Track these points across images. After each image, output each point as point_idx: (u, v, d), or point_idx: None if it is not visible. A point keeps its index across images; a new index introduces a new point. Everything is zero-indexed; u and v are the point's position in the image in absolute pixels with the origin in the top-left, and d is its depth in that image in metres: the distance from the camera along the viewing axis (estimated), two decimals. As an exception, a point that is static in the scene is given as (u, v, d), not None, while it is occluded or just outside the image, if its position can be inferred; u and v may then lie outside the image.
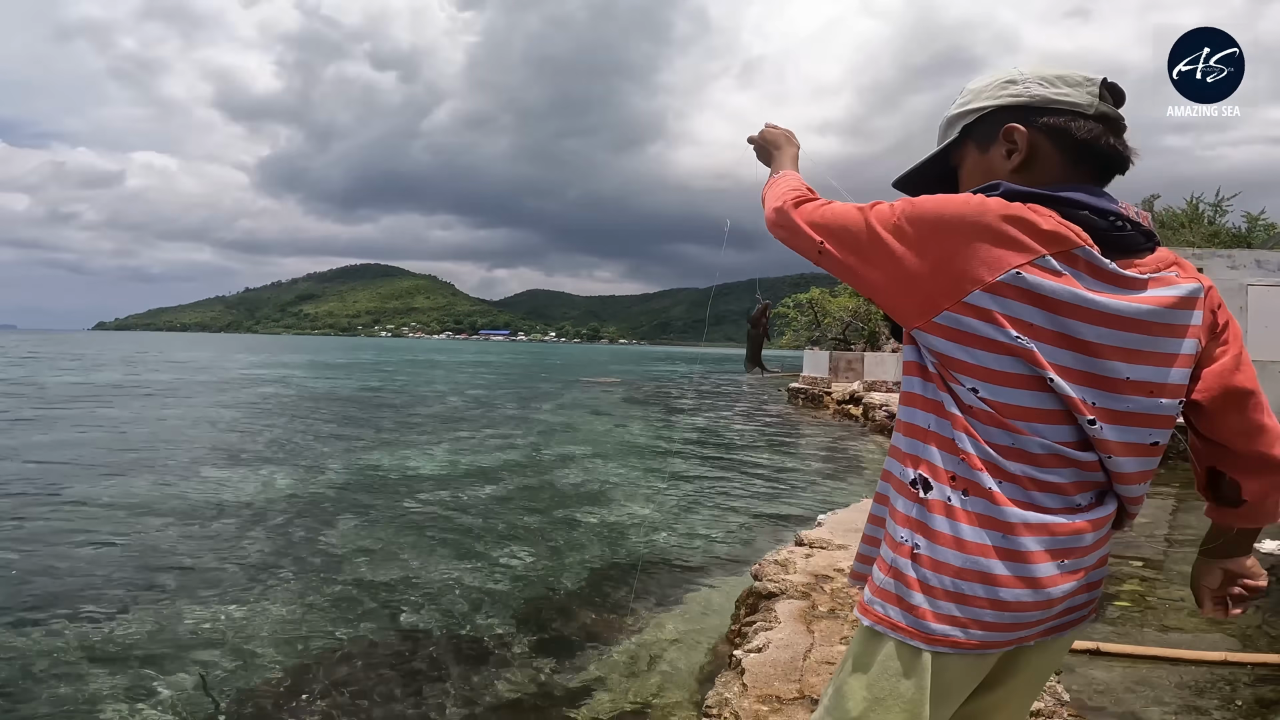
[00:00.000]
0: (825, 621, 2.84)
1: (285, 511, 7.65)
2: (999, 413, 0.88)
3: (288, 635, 4.64)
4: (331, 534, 6.80)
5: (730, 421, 18.44)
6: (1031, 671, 1.04)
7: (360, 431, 14.11)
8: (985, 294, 0.86)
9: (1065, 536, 0.90)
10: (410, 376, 36.35)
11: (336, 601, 5.18)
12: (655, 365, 68.49)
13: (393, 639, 4.60)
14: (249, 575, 5.70)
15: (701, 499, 8.59)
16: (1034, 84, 0.99)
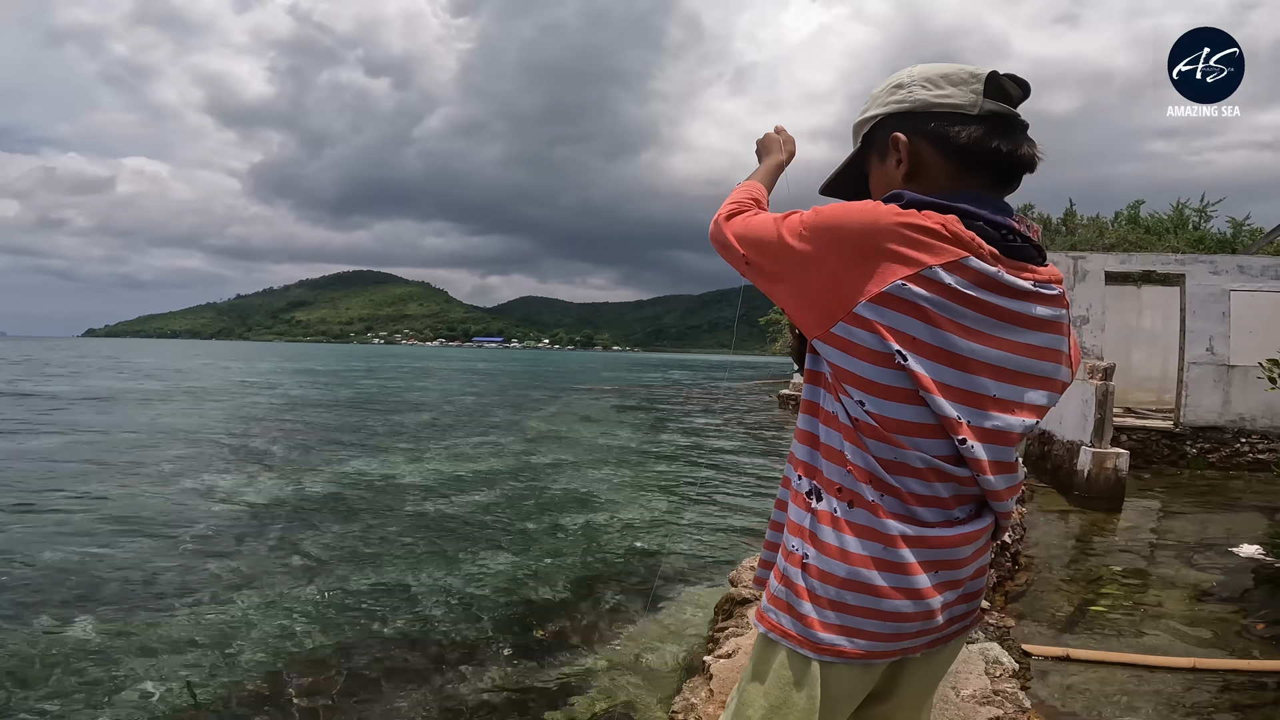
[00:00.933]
0: (796, 626, 2.81)
1: (269, 517, 7.57)
2: (882, 426, 0.88)
3: (269, 640, 4.58)
4: (315, 540, 6.74)
5: (720, 426, 18.42)
6: (918, 682, 1.03)
7: (348, 438, 14.01)
8: (871, 305, 0.84)
9: (943, 549, 0.91)
10: (402, 384, 36.19)
11: (319, 606, 5.13)
12: (649, 372, 68.46)
13: (374, 643, 4.55)
14: (230, 581, 5.63)
15: (690, 502, 8.55)
16: (918, 87, 0.97)
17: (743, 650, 2.60)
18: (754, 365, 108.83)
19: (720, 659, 2.60)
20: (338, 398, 25.44)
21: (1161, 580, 4.96)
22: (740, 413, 23.46)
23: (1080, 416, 8.76)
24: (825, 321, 0.88)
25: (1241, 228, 18.48)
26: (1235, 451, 10.23)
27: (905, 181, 0.97)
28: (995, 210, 0.91)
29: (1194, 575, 5.06)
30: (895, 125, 0.98)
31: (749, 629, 2.84)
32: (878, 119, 1.01)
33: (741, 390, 38.66)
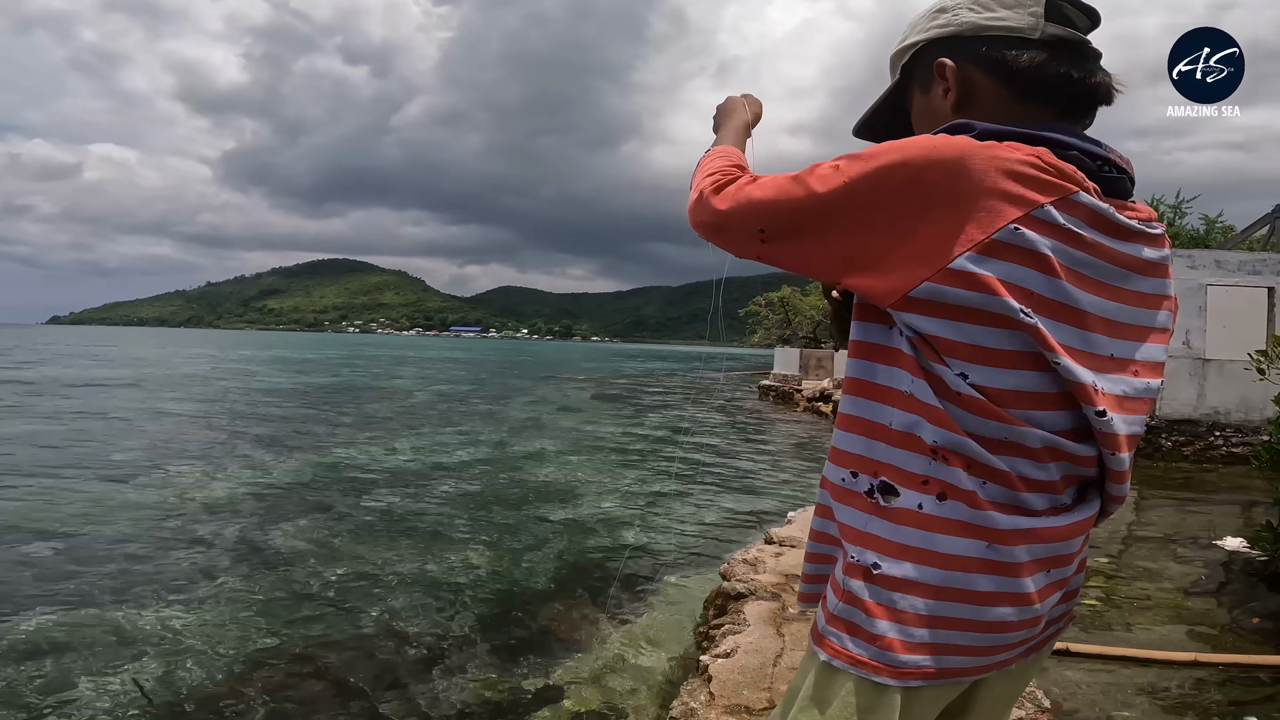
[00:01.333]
0: (796, 624, 2.71)
1: (236, 509, 7.32)
2: (991, 399, 0.73)
3: (237, 637, 4.40)
4: (286, 533, 6.51)
5: (702, 418, 18.36)
6: (1000, 696, 0.90)
7: (320, 428, 13.69)
8: (975, 256, 0.69)
9: (1056, 543, 0.77)
10: (377, 373, 35.66)
11: (289, 602, 4.94)
12: (628, 363, 68.38)
13: (348, 641, 4.38)
14: (197, 575, 5.41)
15: (671, 495, 8.46)
16: (964, 10, 0.84)
17: (742, 649, 2.49)
18: (734, 356, 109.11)
19: (719, 659, 2.48)
20: (310, 386, 24.94)
21: (1147, 573, 4.96)
22: (720, 404, 23.45)
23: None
24: (906, 282, 0.72)
25: (1214, 224, 18.91)
26: (1209, 445, 10.40)
27: (955, 112, 0.84)
28: (1086, 140, 0.79)
29: (1178, 568, 5.08)
30: (940, 51, 0.85)
31: (746, 625, 2.73)
32: (918, 46, 0.88)
33: (722, 381, 38.74)
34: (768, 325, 36.93)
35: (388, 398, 21.25)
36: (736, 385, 33.78)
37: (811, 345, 32.19)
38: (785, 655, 2.44)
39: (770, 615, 2.80)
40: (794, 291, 37.60)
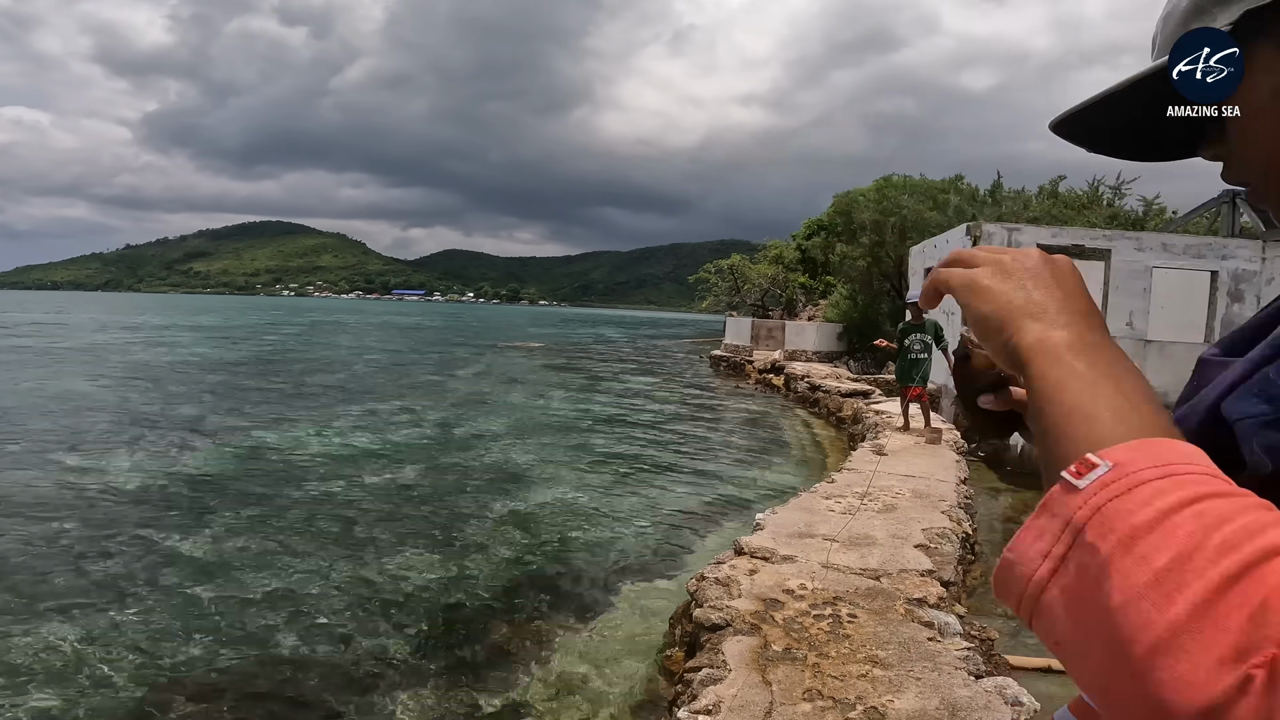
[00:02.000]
0: (783, 667, 2.44)
1: (148, 506, 6.68)
2: None
3: (140, 663, 3.91)
4: (203, 534, 5.95)
5: (654, 392, 18.14)
6: None
7: (244, 406, 12.81)
8: None
9: None
10: (311, 341, 34.07)
11: (207, 618, 4.46)
12: (578, 328, 67.56)
13: (269, 666, 3.95)
14: (101, 586, 4.85)
15: (626, 482, 8.18)
16: None
17: (726, 706, 2.21)
18: (682, 321, 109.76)
19: (701, 714, 2.20)
20: (235, 356, 23.55)
21: None
22: (671, 374, 23.28)
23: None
24: None
25: (1152, 206, 19.48)
26: (1147, 424, 10.71)
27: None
28: None
29: None
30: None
31: (726, 669, 2.45)
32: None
33: (672, 348, 38.65)
34: (717, 292, 36.91)
35: (321, 370, 20.20)
36: (687, 354, 33.72)
37: (760, 313, 32.36)
38: (776, 712, 2.17)
39: (753, 655, 2.53)
40: (742, 259, 37.72)
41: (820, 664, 2.44)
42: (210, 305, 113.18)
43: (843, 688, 2.27)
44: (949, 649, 2.49)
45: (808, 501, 4.72)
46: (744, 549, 3.72)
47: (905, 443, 7.36)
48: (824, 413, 13.08)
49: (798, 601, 3.00)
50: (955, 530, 4.19)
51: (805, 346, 22.51)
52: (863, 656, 2.46)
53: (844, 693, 2.24)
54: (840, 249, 23.06)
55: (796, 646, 2.59)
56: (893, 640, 2.58)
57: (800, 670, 2.40)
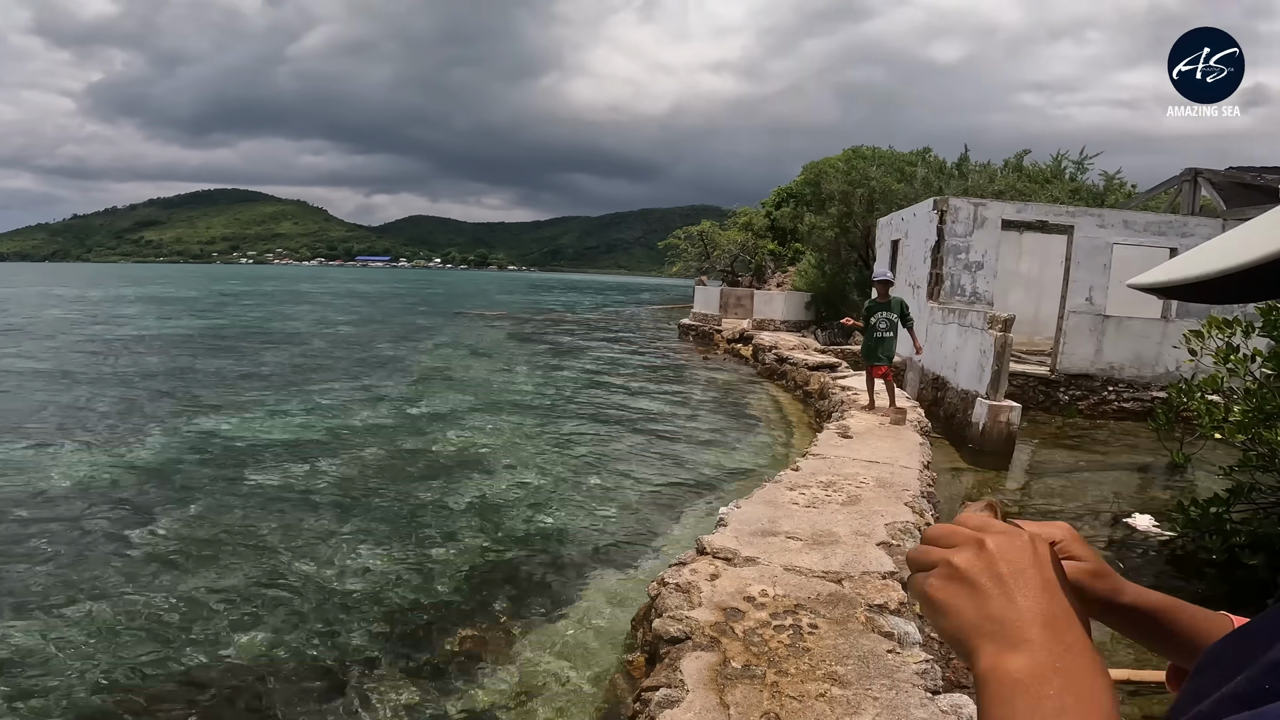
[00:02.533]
0: (741, 686, 2.38)
1: (87, 498, 6.40)
2: None
3: (81, 671, 3.74)
4: (145, 530, 5.71)
5: (622, 364, 18.02)
6: None
7: (194, 388, 12.32)
8: None
9: None
10: (268, 312, 33.08)
11: (151, 621, 4.28)
12: (546, 295, 66.79)
13: (221, 667, 3.82)
14: (36, 587, 4.63)
15: (592, 465, 8.09)
16: None
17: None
18: (652, 286, 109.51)
19: (655, 745, 2.12)
20: (184, 332, 22.72)
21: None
22: (639, 344, 23.17)
23: (977, 367, 8.96)
24: None
25: (1113, 181, 19.81)
26: (1102, 400, 11.01)
27: None
28: None
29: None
30: None
31: (683, 690, 2.38)
32: None
33: (641, 315, 38.49)
34: (687, 258, 36.82)
35: (277, 345, 19.57)
36: (656, 321, 33.62)
37: (729, 279, 32.41)
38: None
39: (711, 674, 2.46)
40: (712, 225, 37.69)
41: (779, 682, 2.38)
42: (163, 274, 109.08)
43: (800, 710, 2.22)
44: (908, 662, 2.46)
45: (772, 493, 4.67)
46: (706, 549, 3.66)
47: (870, 423, 7.38)
48: (791, 386, 13.13)
49: (759, 610, 2.94)
50: (918, 524, 4.18)
51: (774, 315, 22.60)
52: (822, 673, 2.41)
53: (802, 715, 2.19)
54: (809, 219, 23.12)
55: (756, 663, 2.53)
56: (852, 654, 2.54)
57: (759, 690, 2.34)
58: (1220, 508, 4.59)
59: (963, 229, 11.50)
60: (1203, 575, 4.52)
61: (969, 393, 9.05)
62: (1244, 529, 4.37)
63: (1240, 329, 5.03)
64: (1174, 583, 4.58)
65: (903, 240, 14.08)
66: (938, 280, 11.66)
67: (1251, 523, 4.42)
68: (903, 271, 13.58)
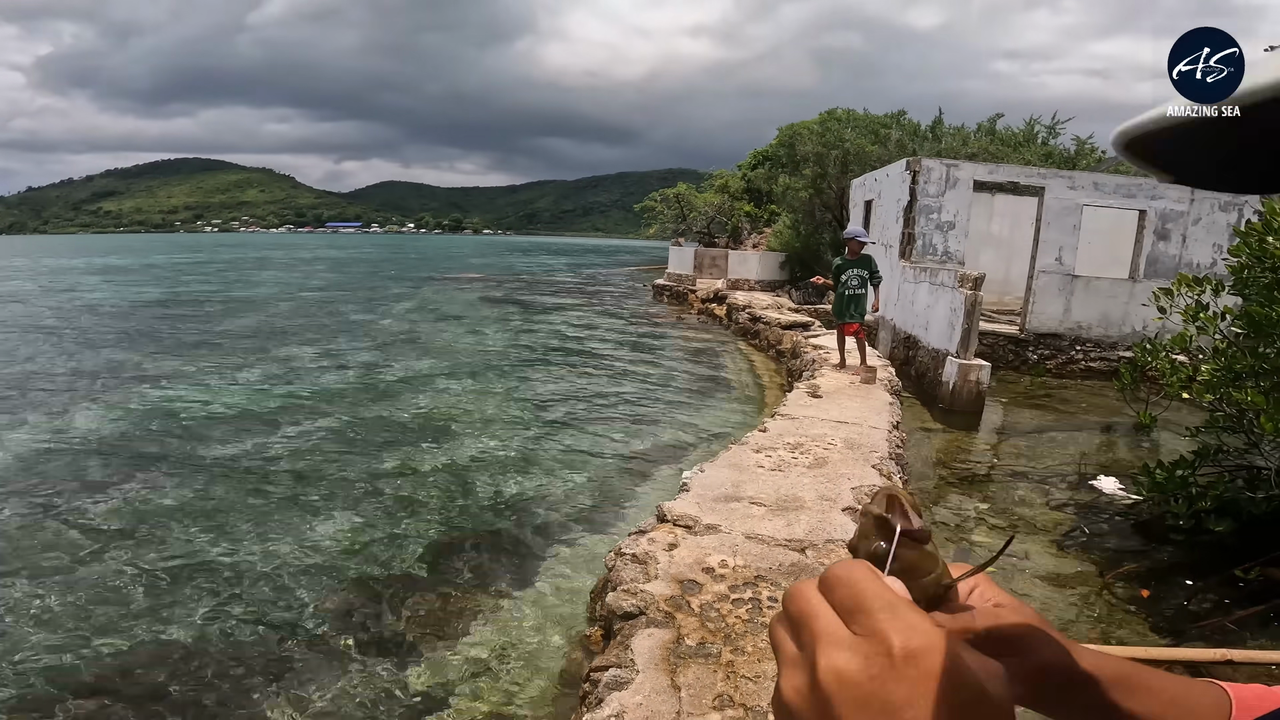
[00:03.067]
0: (694, 666, 2.25)
1: (37, 471, 6.13)
2: None
3: (31, 649, 3.57)
4: (96, 503, 5.47)
5: (595, 324, 17.78)
6: None
7: (149, 357, 11.85)
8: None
9: None
10: (232, 279, 32.12)
11: (100, 598, 4.10)
12: (521, 258, 65.80)
13: (174, 650, 3.65)
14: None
15: (562, 429, 7.92)
16: None
17: (629, 718, 2.01)
18: (628, 248, 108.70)
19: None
20: (143, 299, 21.94)
21: (1025, 524, 5.00)
22: (614, 305, 22.92)
23: (948, 325, 8.91)
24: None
25: (1084, 145, 20.03)
26: (1070, 359, 11.08)
27: None
28: None
29: (1054, 516, 5.15)
30: None
31: (634, 670, 2.25)
32: None
33: (616, 277, 38.15)
34: (663, 220, 36.49)
35: (239, 312, 18.97)
36: (631, 282, 33.33)
37: (705, 240, 32.26)
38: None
39: (664, 653, 2.33)
40: (689, 188, 37.42)
41: (734, 661, 2.26)
42: (123, 244, 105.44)
43: (756, 692, 2.10)
44: (870, 640, 2.36)
45: (738, 456, 4.55)
46: (666, 516, 3.52)
47: (840, 382, 7.30)
48: (764, 345, 13.07)
49: (717, 583, 2.81)
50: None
51: (748, 275, 22.56)
52: (779, 653, 2.30)
53: (757, 698, 2.07)
54: (784, 180, 23.03)
55: (711, 640, 2.40)
56: (812, 631, 2.43)
57: (712, 671, 2.22)
58: (1186, 470, 4.57)
59: (935, 189, 11.46)
60: (1168, 541, 4.52)
61: (940, 351, 9.02)
62: (1210, 493, 4.34)
63: (1210, 287, 4.97)
64: (1139, 549, 4.58)
65: (876, 200, 14.00)
66: (910, 240, 11.62)
67: (1218, 486, 4.40)
68: (875, 231, 13.52)
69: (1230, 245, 4.79)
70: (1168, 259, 10.99)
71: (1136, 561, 4.30)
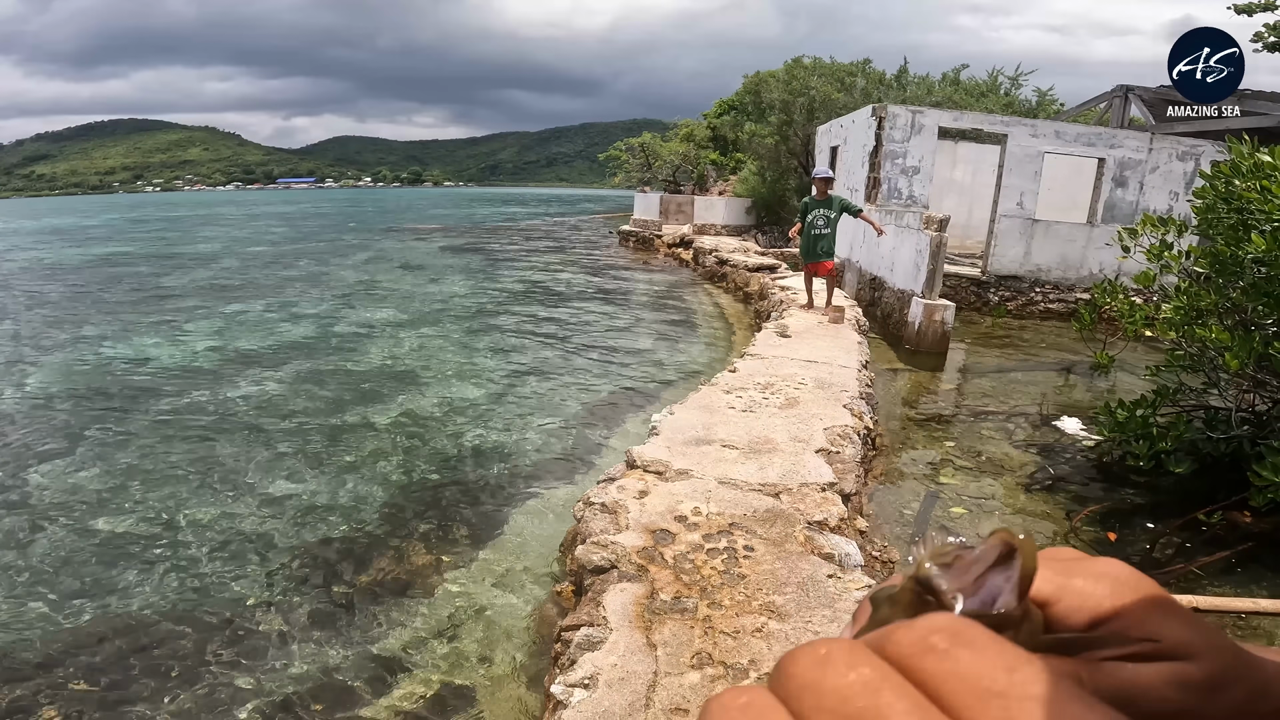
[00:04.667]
0: (670, 622, 2.17)
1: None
2: None
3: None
4: (38, 468, 5.17)
5: (561, 270, 17.42)
6: None
7: (91, 313, 11.26)
8: None
9: None
10: (178, 235, 30.62)
11: (44, 569, 3.87)
12: (483, 208, 64.05)
13: (125, 617, 3.47)
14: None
15: (529, 373, 7.73)
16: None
17: (604, 679, 1.92)
18: (594, 197, 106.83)
19: (577, 689, 1.90)
20: (83, 259, 20.78)
21: (992, 464, 5.04)
22: (579, 251, 22.52)
23: (913, 266, 8.91)
24: None
25: (1045, 97, 20.53)
26: (1030, 301, 11.29)
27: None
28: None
29: (1018, 456, 5.20)
30: None
31: (607, 629, 2.16)
32: None
33: (582, 224, 37.50)
34: (629, 169, 35.88)
35: (188, 268, 18.09)
36: (597, 229, 32.80)
37: (671, 189, 31.91)
38: (660, 686, 1.89)
39: (637, 609, 2.24)
40: (654, 137, 36.83)
41: (712, 616, 2.18)
42: (59, 206, 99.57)
43: (735, 648, 2.02)
44: (850, 589, 2.29)
45: (707, 397, 4.45)
46: (636, 461, 3.42)
47: (809, 322, 7.26)
48: (731, 287, 13.02)
49: (691, 532, 2.73)
50: (857, 427, 4.05)
51: (714, 220, 22.51)
52: (758, 604, 2.22)
53: (736, 655, 1.99)
54: (749, 127, 22.92)
55: (687, 594, 2.32)
56: (791, 580, 2.35)
57: (690, 627, 2.14)
58: (1146, 410, 4.63)
59: (901, 135, 11.47)
60: (1131, 483, 4.59)
61: (905, 292, 9.05)
62: (1170, 434, 4.41)
63: (1175, 227, 4.97)
64: (1101, 491, 4.65)
65: (842, 146, 13.92)
66: (875, 184, 11.64)
67: (1177, 426, 4.46)
68: (841, 176, 13.49)
69: (1195, 188, 4.78)
70: (1125, 205, 11.16)
71: (1100, 503, 4.37)
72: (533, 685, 2.87)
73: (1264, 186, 3.48)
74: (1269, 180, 3.48)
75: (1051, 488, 4.64)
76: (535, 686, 2.87)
